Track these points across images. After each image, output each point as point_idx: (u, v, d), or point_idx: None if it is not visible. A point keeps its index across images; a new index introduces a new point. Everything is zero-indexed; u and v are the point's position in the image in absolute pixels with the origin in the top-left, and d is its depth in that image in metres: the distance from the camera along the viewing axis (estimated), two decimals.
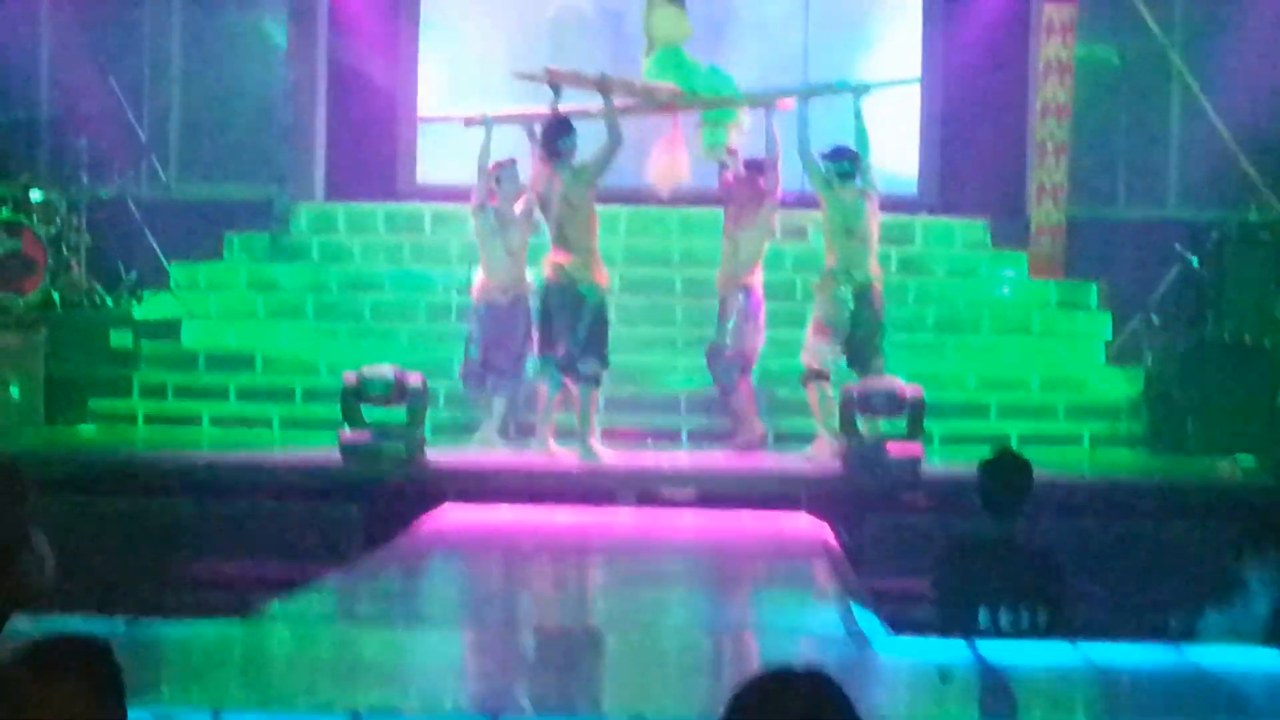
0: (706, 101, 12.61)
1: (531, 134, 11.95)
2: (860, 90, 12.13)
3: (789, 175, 12.20)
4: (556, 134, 11.57)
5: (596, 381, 11.49)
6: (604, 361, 11.50)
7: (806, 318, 13.37)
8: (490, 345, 11.88)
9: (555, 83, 11.97)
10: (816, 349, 11.73)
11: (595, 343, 11.46)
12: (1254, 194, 13.73)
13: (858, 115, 11.91)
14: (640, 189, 13.33)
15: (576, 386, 11.49)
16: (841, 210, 11.80)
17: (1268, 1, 14.52)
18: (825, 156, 11.79)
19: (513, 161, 12.05)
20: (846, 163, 11.78)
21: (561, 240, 11.49)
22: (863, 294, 11.77)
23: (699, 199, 13.86)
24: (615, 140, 11.51)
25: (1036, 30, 14.61)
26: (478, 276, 12.09)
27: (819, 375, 11.71)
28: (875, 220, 11.95)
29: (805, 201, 12.84)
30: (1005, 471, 6.57)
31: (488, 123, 12.08)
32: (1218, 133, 14.58)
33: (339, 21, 15.29)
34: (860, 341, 11.75)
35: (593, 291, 11.47)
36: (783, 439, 12.29)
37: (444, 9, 15.46)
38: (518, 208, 11.96)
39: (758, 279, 12.15)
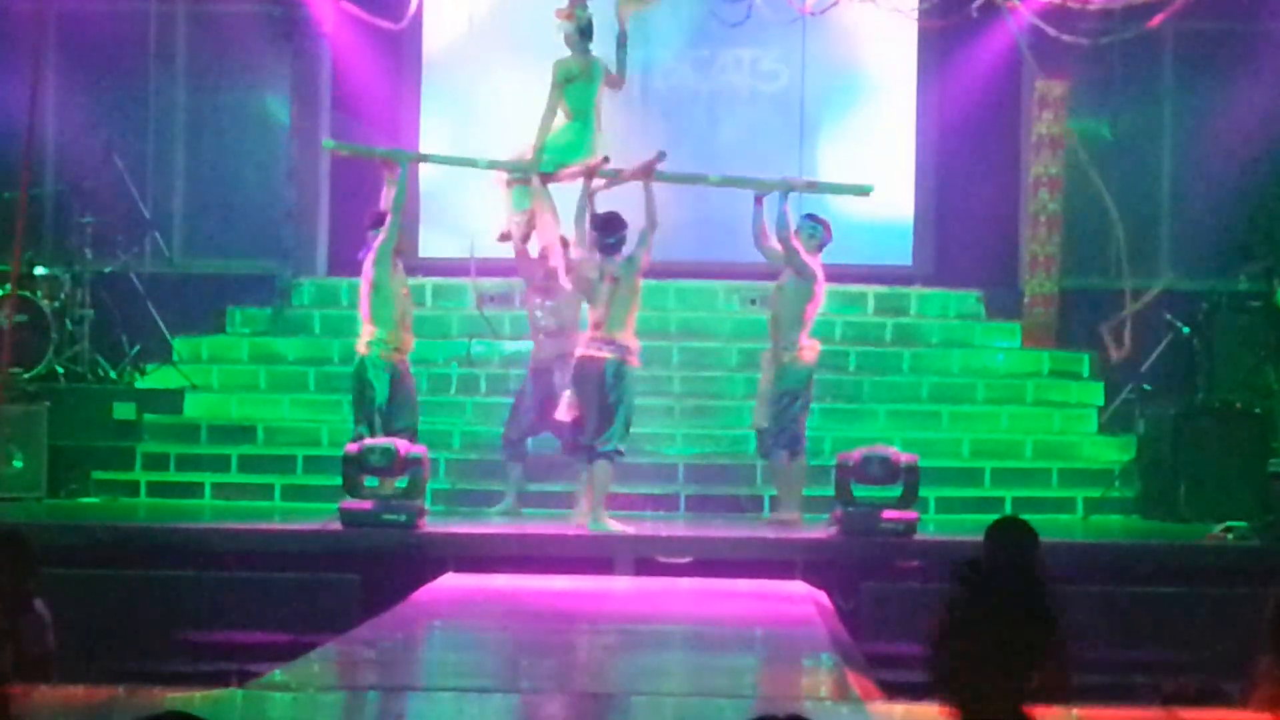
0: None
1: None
2: (792, 189, 12.29)
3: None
4: (613, 229, 11.77)
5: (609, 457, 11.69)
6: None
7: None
8: None
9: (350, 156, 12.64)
10: None
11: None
12: (1243, 263, 13.88)
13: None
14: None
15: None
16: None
17: (1256, 74, 14.71)
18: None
19: None
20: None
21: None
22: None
23: (696, 272, 14.04)
24: (393, 209, 11.82)
25: (1029, 105, 14.80)
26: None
27: None
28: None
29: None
30: (1012, 536, 6.60)
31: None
32: (1207, 203, 14.77)
33: (341, 99, 15.48)
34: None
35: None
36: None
37: (447, 83, 15.64)
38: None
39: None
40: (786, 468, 12.10)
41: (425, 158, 12.40)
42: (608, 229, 11.76)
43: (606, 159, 12.12)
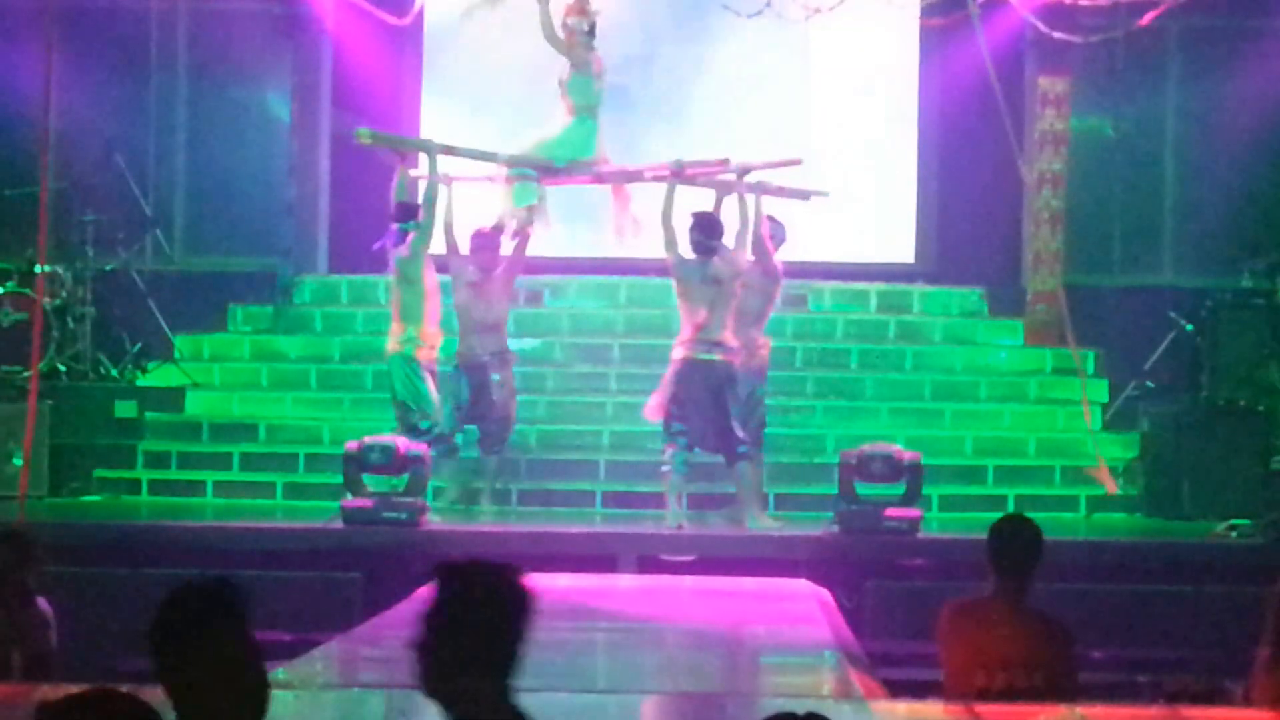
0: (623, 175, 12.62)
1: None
2: (765, 193, 12.18)
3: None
4: (716, 231, 11.73)
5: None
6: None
7: (807, 385, 13.55)
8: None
9: (377, 146, 12.32)
10: None
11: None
12: (1247, 260, 13.86)
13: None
14: (638, 259, 13.47)
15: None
16: None
17: (1261, 70, 14.70)
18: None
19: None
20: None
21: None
22: None
23: None
24: (426, 203, 11.77)
25: (1031, 102, 14.77)
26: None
27: None
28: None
29: (806, 272, 13.01)
30: (1018, 534, 6.59)
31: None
32: (1211, 200, 14.76)
33: (342, 96, 15.46)
34: None
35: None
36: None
37: (448, 81, 15.62)
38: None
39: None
40: (760, 467, 12.07)
41: (452, 150, 12.30)
42: (711, 231, 11.68)
43: (726, 160, 12.17)
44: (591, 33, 12.36)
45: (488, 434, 12.24)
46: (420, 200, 12.02)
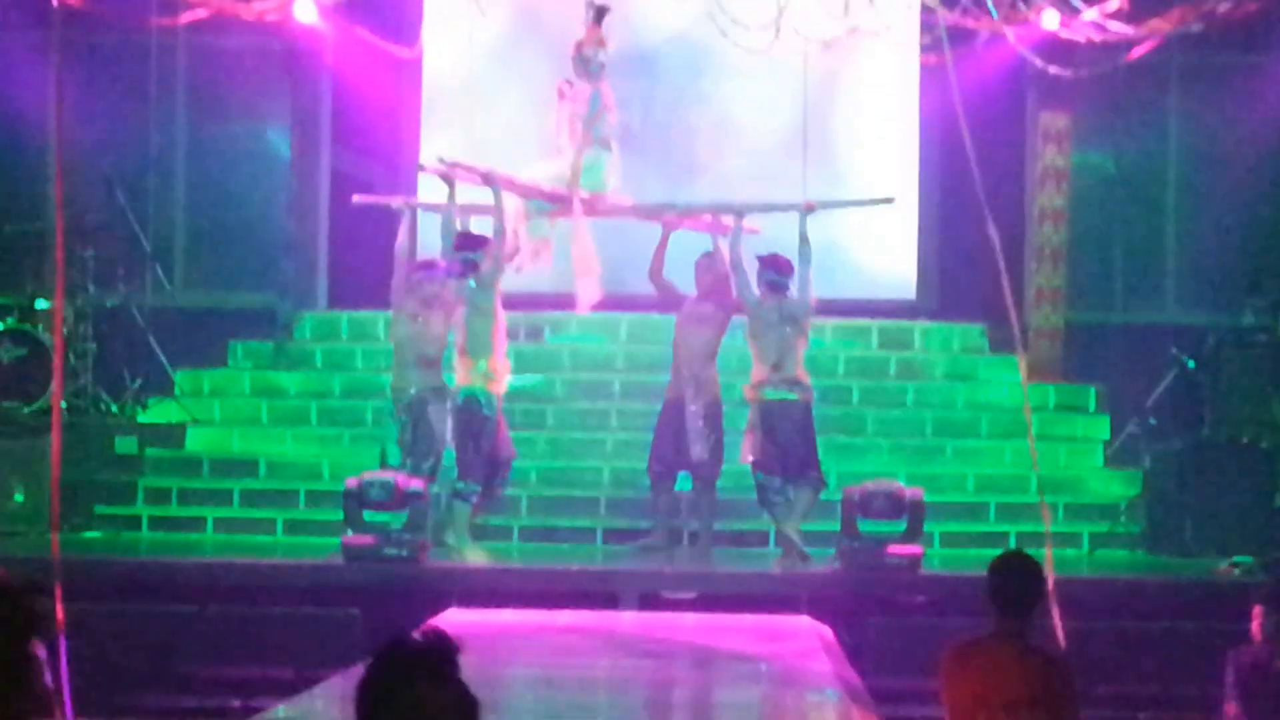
0: (647, 210, 12.67)
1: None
2: (808, 211, 12.12)
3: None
4: (791, 270, 11.77)
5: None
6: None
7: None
8: None
9: (439, 173, 12.12)
10: None
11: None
12: (1249, 297, 13.86)
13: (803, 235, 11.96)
14: (638, 295, 13.46)
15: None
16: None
17: (1262, 107, 14.72)
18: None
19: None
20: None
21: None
22: None
23: None
24: (496, 234, 11.64)
25: (1033, 138, 14.79)
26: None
27: None
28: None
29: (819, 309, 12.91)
30: (1019, 571, 6.56)
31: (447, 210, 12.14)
32: (1213, 236, 14.76)
33: (341, 131, 15.48)
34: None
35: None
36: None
37: (448, 115, 15.63)
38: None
39: None
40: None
41: (511, 181, 12.20)
42: (786, 270, 11.73)
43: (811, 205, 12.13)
44: (604, 65, 12.34)
45: (433, 470, 12.02)
46: (491, 231, 11.80)
